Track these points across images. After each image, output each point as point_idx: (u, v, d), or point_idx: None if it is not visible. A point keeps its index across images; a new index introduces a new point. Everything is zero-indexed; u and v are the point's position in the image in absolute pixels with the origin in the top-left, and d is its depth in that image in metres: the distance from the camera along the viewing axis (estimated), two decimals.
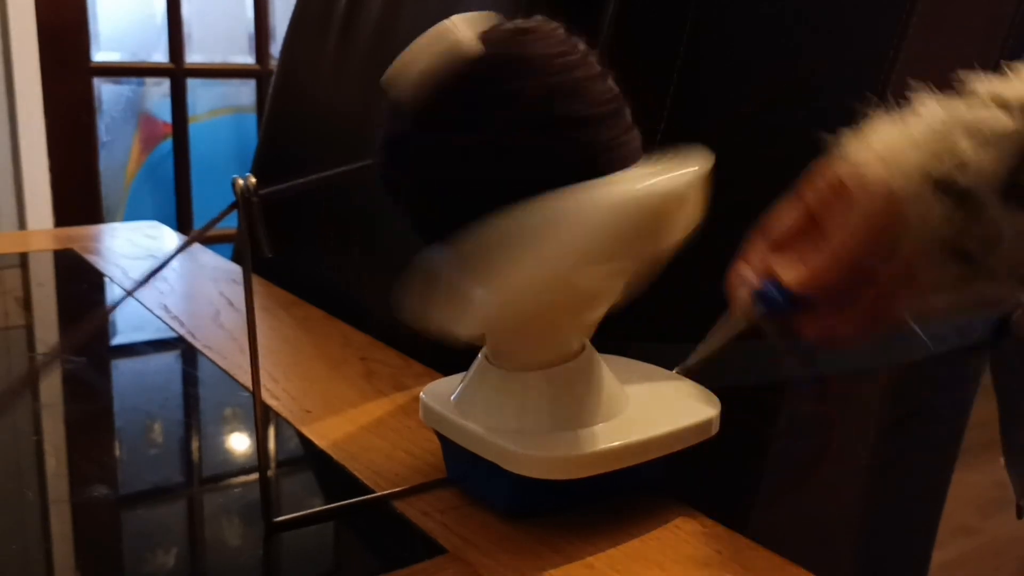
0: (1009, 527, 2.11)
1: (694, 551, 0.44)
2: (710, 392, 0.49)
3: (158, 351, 0.74)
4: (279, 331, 0.78)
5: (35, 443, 0.56)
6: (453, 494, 0.49)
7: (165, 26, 2.24)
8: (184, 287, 0.91)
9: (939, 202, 0.43)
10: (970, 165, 0.42)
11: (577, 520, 0.46)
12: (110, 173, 2.28)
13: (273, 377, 0.65)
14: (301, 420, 0.58)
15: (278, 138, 1.03)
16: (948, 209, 0.43)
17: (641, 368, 0.52)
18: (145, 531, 0.46)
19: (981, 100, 0.44)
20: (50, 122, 2.02)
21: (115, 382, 0.69)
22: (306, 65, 0.99)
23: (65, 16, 2.03)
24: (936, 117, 0.44)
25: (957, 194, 0.43)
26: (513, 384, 0.45)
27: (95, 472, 0.52)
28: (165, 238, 1.15)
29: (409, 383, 0.65)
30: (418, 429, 0.57)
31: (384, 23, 0.86)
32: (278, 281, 0.90)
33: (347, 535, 0.47)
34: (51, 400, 0.62)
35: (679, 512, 0.47)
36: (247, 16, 2.40)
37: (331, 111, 0.92)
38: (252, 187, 0.41)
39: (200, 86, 2.39)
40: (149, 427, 0.59)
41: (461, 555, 0.43)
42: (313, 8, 0.99)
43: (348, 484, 0.50)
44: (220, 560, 0.45)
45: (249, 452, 0.56)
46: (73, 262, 1.01)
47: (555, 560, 0.42)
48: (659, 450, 0.45)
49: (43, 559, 0.44)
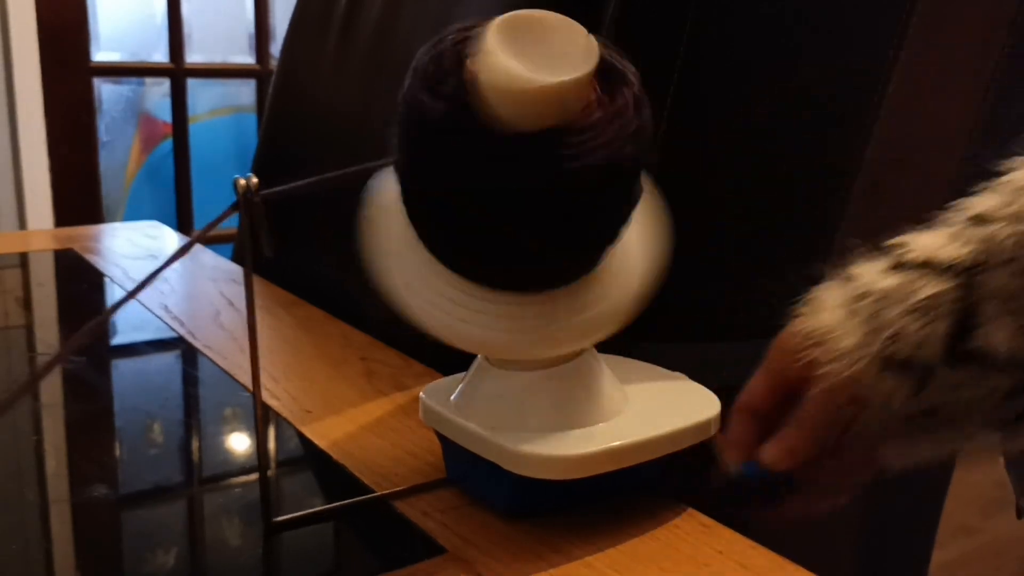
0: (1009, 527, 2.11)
1: (694, 551, 0.44)
2: (710, 392, 0.49)
3: (158, 351, 0.74)
4: (279, 331, 0.78)
5: (35, 443, 0.56)
6: (453, 494, 0.49)
7: (165, 26, 2.24)
8: (184, 287, 0.91)
9: (890, 376, 0.44)
10: (910, 338, 0.43)
11: (577, 520, 0.46)
12: (110, 173, 2.28)
13: (273, 377, 0.65)
14: (301, 420, 0.58)
15: (278, 138, 1.03)
16: (897, 380, 0.44)
17: (641, 368, 0.52)
18: (145, 531, 0.46)
19: (913, 267, 0.45)
20: (50, 122, 2.02)
21: (115, 382, 0.69)
22: (306, 65, 0.99)
23: (65, 16, 2.03)
24: (874, 286, 0.45)
25: (905, 367, 0.44)
26: (513, 384, 0.45)
27: (95, 472, 0.52)
28: (165, 238, 1.15)
29: (409, 383, 0.65)
30: (418, 429, 0.57)
31: (384, 23, 0.86)
32: (278, 281, 0.90)
33: (347, 535, 0.47)
34: (51, 400, 0.63)
35: (679, 512, 0.47)
36: (247, 16, 2.40)
37: (331, 111, 0.92)
38: (254, 187, 0.41)
39: (200, 86, 2.39)
40: (149, 427, 0.59)
41: (461, 555, 0.43)
42: (313, 8, 0.99)
43: (348, 484, 0.50)
44: (220, 560, 0.45)
45: (249, 452, 0.56)
46: (73, 262, 1.01)
47: (555, 560, 0.42)
48: (659, 450, 0.45)
49: (43, 559, 0.44)
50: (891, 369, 0.44)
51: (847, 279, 0.47)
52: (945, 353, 0.43)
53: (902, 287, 0.44)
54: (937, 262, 0.43)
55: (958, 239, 0.44)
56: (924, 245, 0.45)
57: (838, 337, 0.46)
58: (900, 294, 0.44)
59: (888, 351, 0.44)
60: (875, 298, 0.45)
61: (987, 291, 0.42)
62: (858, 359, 0.45)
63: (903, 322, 0.43)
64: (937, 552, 0.90)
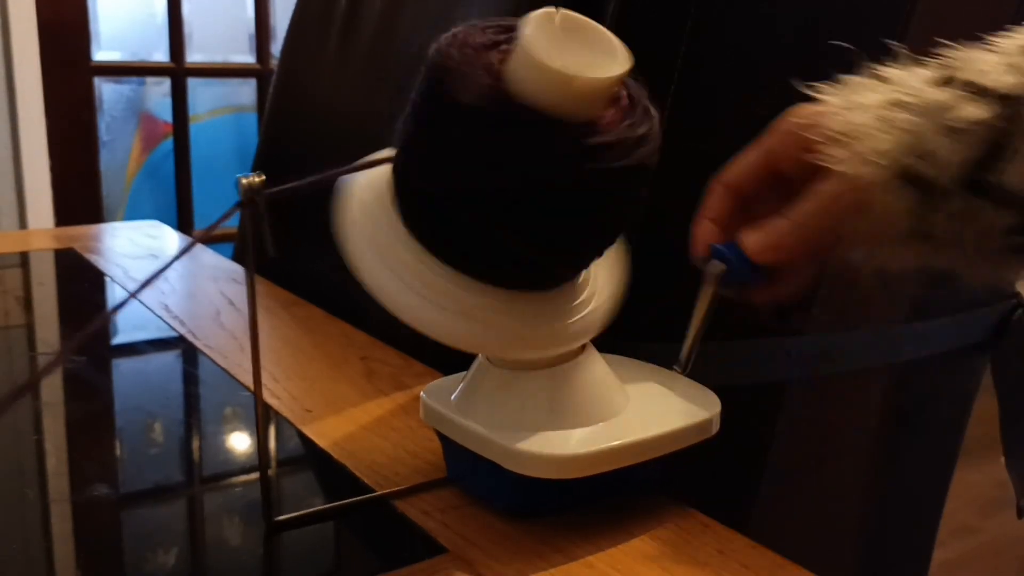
0: (1010, 527, 2.11)
1: (695, 550, 0.44)
2: (710, 392, 0.49)
3: (159, 350, 0.74)
4: (280, 330, 0.78)
5: (36, 442, 0.56)
6: (454, 493, 0.49)
7: (166, 25, 2.24)
8: (185, 286, 0.91)
9: (903, 191, 0.42)
10: (937, 156, 0.41)
11: (578, 519, 0.46)
12: (111, 172, 2.29)
13: (274, 376, 0.65)
14: (301, 419, 0.58)
15: (279, 137, 1.03)
16: (912, 198, 0.42)
17: (641, 367, 0.52)
18: (146, 530, 0.46)
19: (959, 85, 0.42)
20: (51, 121, 2.02)
21: (116, 381, 0.69)
22: (307, 64, 0.99)
23: (66, 15, 2.03)
24: (913, 96, 0.43)
25: (921, 184, 0.42)
26: (514, 383, 0.45)
27: (96, 471, 0.52)
28: (166, 237, 1.15)
29: (410, 382, 0.65)
30: (419, 428, 0.57)
31: (385, 22, 0.86)
32: (278, 280, 0.90)
33: (347, 534, 0.47)
34: (52, 399, 0.63)
35: (680, 511, 0.47)
36: (248, 15, 2.40)
37: (332, 110, 0.92)
38: (257, 186, 0.41)
39: (201, 85, 2.39)
40: (150, 426, 0.59)
41: (462, 554, 0.43)
42: (314, 7, 0.99)
43: (349, 483, 0.50)
44: (221, 559, 0.45)
45: (250, 451, 0.56)
46: (74, 261, 1.01)
47: (556, 559, 0.42)
48: (659, 449, 0.45)
49: (44, 558, 0.44)
50: (909, 184, 0.42)
51: (887, 81, 0.44)
52: (965, 179, 0.41)
53: (944, 104, 0.42)
54: (984, 86, 0.42)
55: (1010, 67, 0.42)
56: (974, 67, 0.42)
57: (866, 139, 0.43)
58: (940, 110, 0.42)
59: (913, 167, 0.42)
60: (915, 111, 0.42)
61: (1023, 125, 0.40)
62: (881, 167, 0.42)
63: (939, 142, 0.41)
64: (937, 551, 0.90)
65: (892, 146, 0.42)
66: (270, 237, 0.41)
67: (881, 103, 0.44)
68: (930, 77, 0.44)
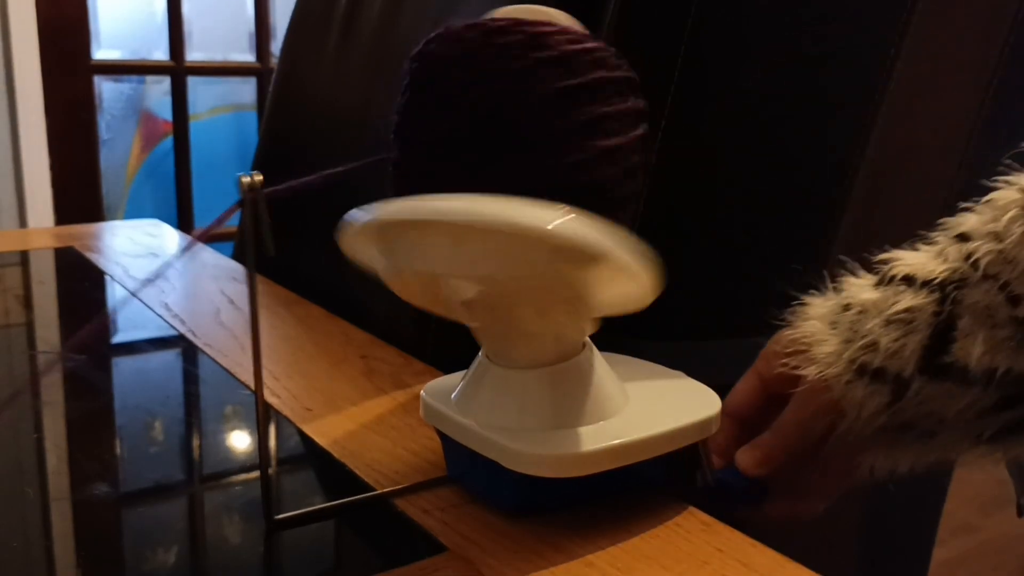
0: (1009, 525, 2.11)
1: (695, 549, 0.44)
2: (710, 390, 0.49)
3: (159, 349, 0.74)
4: (280, 329, 0.78)
5: (36, 441, 0.56)
6: (453, 492, 0.49)
7: (166, 24, 2.24)
8: (185, 285, 0.91)
9: (861, 383, 0.46)
10: (882, 346, 0.45)
11: (578, 518, 0.46)
12: (111, 171, 2.29)
13: (274, 375, 0.65)
14: (302, 418, 0.58)
15: (279, 136, 1.03)
16: (875, 389, 0.46)
17: (642, 366, 0.52)
18: (146, 529, 0.46)
19: (896, 282, 0.46)
20: (51, 120, 2.02)
21: (116, 380, 0.69)
22: (307, 63, 0.99)
23: (66, 14, 2.03)
24: (853, 297, 0.48)
25: (878, 375, 0.45)
26: (513, 382, 0.45)
27: (96, 470, 0.52)
28: (166, 236, 1.15)
29: (410, 381, 0.65)
30: (419, 427, 0.57)
31: (385, 21, 0.86)
32: (278, 279, 0.90)
33: (348, 533, 0.47)
34: (52, 398, 0.63)
35: (680, 510, 0.47)
36: (248, 14, 2.40)
37: (332, 109, 0.92)
38: (258, 185, 0.41)
39: (201, 84, 2.39)
40: (150, 425, 0.59)
41: (461, 553, 0.43)
42: (314, 6, 0.99)
43: (349, 482, 0.50)
44: (221, 558, 0.45)
45: (250, 450, 0.56)
46: (74, 260, 1.01)
47: (556, 558, 0.42)
48: (660, 448, 0.45)
49: (44, 557, 0.44)
50: (864, 377, 0.46)
51: (835, 291, 0.49)
52: (921, 364, 0.44)
53: (882, 300, 0.46)
54: (918, 277, 0.45)
55: (940, 256, 0.45)
56: (908, 261, 0.46)
57: (817, 344, 0.47)
58: (880, 306, 0.46)
59: (861, 359, 0.46)
60: (857, 310, 0.47)
61: (964, 306, 0.44)
62: (831, 365, 0.46)
63: (879, 332, 0.45)
64: (937, 550, 0.90)
65: (839, 346, 0.47)
66: (270, 236, 0.41)
67: (830, 309, 0.48)
68: (870, 281, 0.48)
